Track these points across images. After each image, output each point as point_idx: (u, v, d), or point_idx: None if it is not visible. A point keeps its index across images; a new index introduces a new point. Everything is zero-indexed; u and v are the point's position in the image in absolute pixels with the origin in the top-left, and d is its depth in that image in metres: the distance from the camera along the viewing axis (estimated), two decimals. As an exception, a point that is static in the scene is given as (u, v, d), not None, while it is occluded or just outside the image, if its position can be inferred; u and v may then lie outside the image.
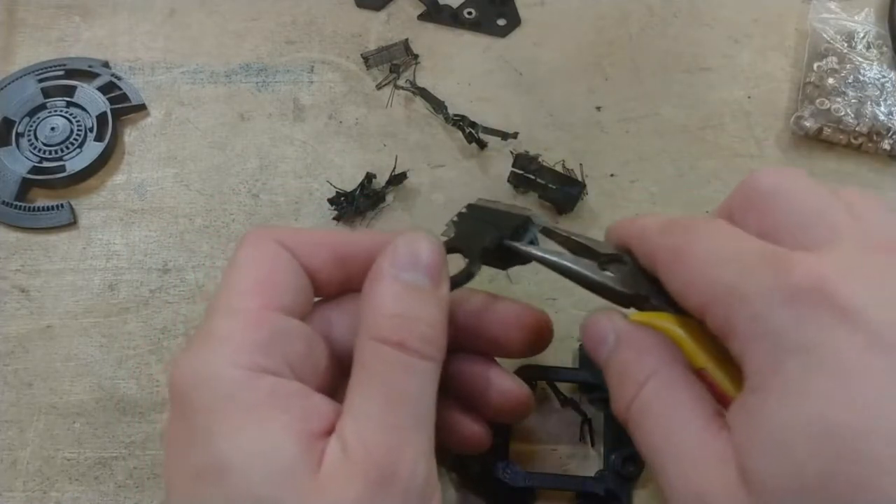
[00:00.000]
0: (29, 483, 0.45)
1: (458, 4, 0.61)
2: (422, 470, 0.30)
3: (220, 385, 0.30)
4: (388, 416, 0.30)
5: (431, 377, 0.32)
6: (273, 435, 0.29)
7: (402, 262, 0.33)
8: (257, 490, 0.28)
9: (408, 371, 0.31)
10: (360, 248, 0.35)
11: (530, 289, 0.50)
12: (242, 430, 0.29)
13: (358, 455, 0.29)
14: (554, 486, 0.44)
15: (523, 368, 0.46)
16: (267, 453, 0.29)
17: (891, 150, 0.53)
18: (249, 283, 0.33)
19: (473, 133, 0.54)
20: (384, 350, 0.31)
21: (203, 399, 0.30)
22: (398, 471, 0.29)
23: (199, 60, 0.59)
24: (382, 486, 0.29)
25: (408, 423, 0.30)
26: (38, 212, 0.52)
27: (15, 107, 0.56)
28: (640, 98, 0.57)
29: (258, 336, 0.31)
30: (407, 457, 0.29)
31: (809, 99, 0.55)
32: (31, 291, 0.51)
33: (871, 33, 0.57)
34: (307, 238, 0.35)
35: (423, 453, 0.30)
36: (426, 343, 0.32)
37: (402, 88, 0.57)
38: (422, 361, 0.31)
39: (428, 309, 0.32)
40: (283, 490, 0.28)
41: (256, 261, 0.34)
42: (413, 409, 0.31)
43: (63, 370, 0.48)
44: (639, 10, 0.61)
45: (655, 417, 0.30)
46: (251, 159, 0.55)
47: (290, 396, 0.30)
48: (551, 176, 0.52)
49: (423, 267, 0.33)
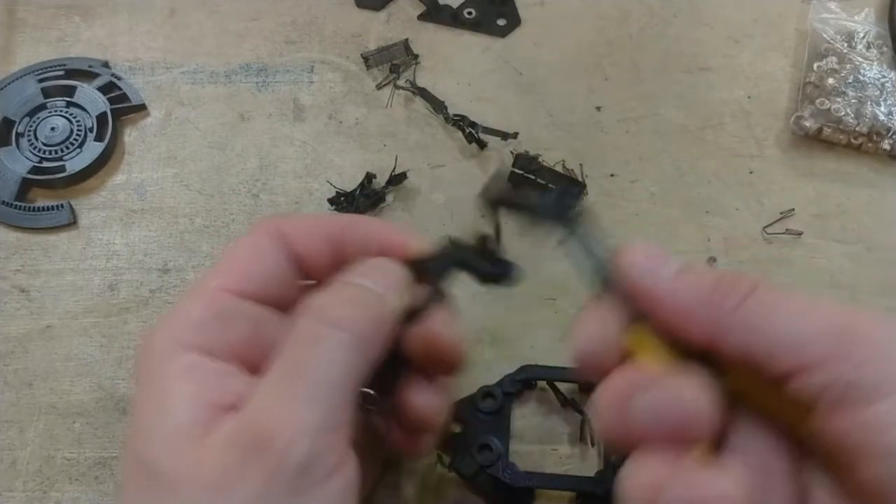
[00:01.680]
0: (29, 483, 0.45)
1: (458, 4, 0.61)
2: (304, 445, 0.29)
3: (152, 356, 0.32)
4: (281, 388, 0.31)
5: (341, 356, 0.31)
6: (172, 405, 0.31)
7: (354, 273, 0.34)
8: (145, 453, 0.30)
9: (314, 342, 0.31)
10: (354, 234, 0.37)
11: (530, 289, 0.50)
12: (152, 398, 0.31)
13: (242, 424, 0.30)
14: (554, 486, 0.43)
15: (523, 369, 0.46)
16: (159, 420, 0.30)
17: (891, 150, 0.53)
18: (224, 265, 0.35)
19: (473, 133, 0.54)
20: (300, 323, 0.32)
21: (141, 371, 0.32)
22: (274, 441, 0.29)
23: (199, 60, 0.59)
24: (253, 455, 0.29)
25: (299, 396, 0.30)
26: (38, 212, 0.52)
27: (15, 107, 0.56)
28: (640, 98, 0.57)
29: (201, 314, 0.33)
30: (287, 428, 0.29)
31: (809, 99, 0.55)
32: (31, 291, 0.51)
33: (871, 33, 0.57)
34: (304, 225, 0.37)
35: (310, 428, 0.30)
36: (342, 312, 0.32)
37: (402, 88, 0.57)
38: (332, 331, 0.31)
39: (360, 296, 0.33)
40: (165, 455, 0.30)
41: (240, 247, 0.36)
42: (309, 382, 0.31)
43: (63, 370, 0.48)
44: (639, 10, 0.61)
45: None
46: (251, 159, 0.55)
47: (206, 373, 0.32)
48: (551, 176, 0.52)
49: (369, 277, 0.34)
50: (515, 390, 0.46)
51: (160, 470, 0.29)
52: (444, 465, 0.44)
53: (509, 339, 0.49)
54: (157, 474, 0.29)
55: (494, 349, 0.48)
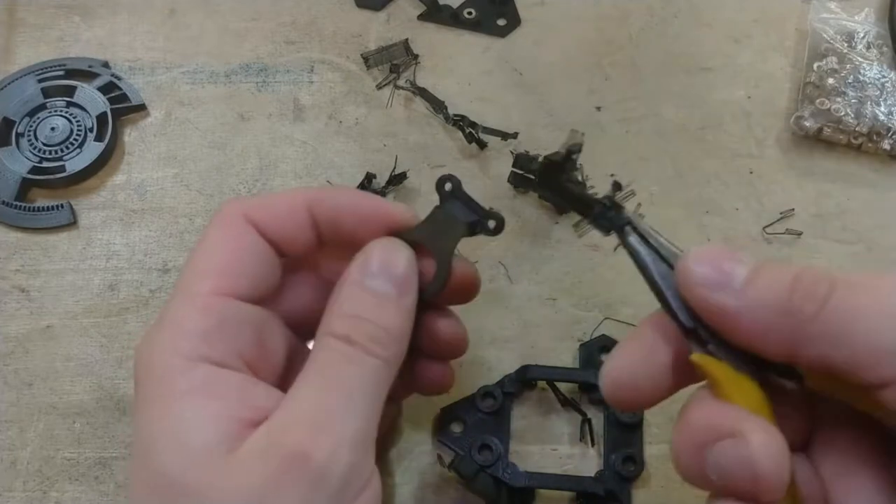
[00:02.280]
0: (29, 483, 0.45)
1: (458, 4, 0.61)
2: (343, 459, 0.29)
3: (159, 371, 0.31)
4: (316, 402, 0.30)
5: (375, 374, 0.32)
6: (196, 420, 0.30)
7: (372, 270, 0.34)
8: (171, 471, 0.29)
9: (348, 361, 0.32)
10: (339, 205, 0.36)
11: (530, 289, 0.50)
12: (169, 414, 0.30)
13: (276, 437, 0.30)
14: (554, 486, 0.44)
15: (523, 369, 0.46)
16: (183, 436, 0.30)
17: (891, 150, 0.53)
18: (208, 265, 0.34)
19: (473, 133, 0.54)
20: (331, 342, 0.32)
21: (146, 383, 0.31)
22: (312, 455, 0.29)
23: (199, 60, 0.59)
24: (291, 469, 0.29)
25: (336, 411, 0.30)
26: (38, 212, 0.52)
27: (15, 107, 0.56)
28: (640, 98, 0.57)
29: (204, 324, 0.32)
30: (325, 442, 0.29)
31: (809, 99, 0.55)
32: (31, 291, 0.51)
33: (871, 33, 0.57)
34: (278, 207, 0.36)
35: (347, 442, 0.30)
36: (373, 341, 0.32)
37: (402, 88, 0.57)
38: (366, 357, 0.32)
39: (385, 313, 0.33)
40: (194, 472, 0.29)
41: (220, 242, 0.34)
42: (346, 398, 0.31)
43: (63, 370, 0.48)
44: (639, 10, 0.61)
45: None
46: (251, 159, 0.55)
47: (224, 385, 0.31)
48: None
49: (390, 277, 0.34)
50: (515, 390, 0.46)
51: (189, 487, 0.29)
52: (444, 465, 0.44)
53: (509, 339, 0.49)
54: (185, 492, 0.29)
55: (494, 349, 0.48)
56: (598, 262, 0.51)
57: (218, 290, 0.33)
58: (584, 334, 0.49)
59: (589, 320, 0.49)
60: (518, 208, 0.53)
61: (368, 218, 0.36)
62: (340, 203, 0.36)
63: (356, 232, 0.36)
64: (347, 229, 0.36)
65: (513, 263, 0.51)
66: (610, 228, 0.33)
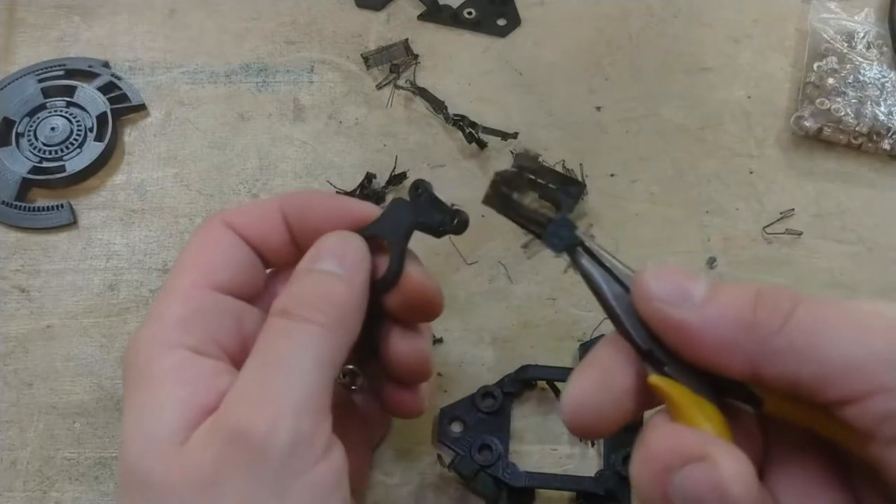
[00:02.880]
0: (29, 483, 0.45)
1: (458, 4, 0.61)
2: (284, 429, 0.29)
3: (140, 362, 0.32)
4: (255, 379, 0.31)
5: (313, 340, 0.31)
6: (160, 408, 0.30)
7: (317, 255, 0.34)
8: (134, 461, 0.30)
9: (284, 333, 0.32)
10: (306, 204, 0.37)
11: (530, 289, 0.50)
12: (139, 403, 0.31)
13: (220, 419, 0.30)
14: (554, 486, 0.44)
15: (523, 369, 0.46)
16: (147, 425, 0.30)
17: (891, 150, 0.53)
18: (188, 264, 0.35)
19: (473, 133, 0.54)
20: (272, 320, 0.32)
21: (128, 374, 0.32)
22: (251, 430, 0.29)
23: (199, 60, 0.59)
24: (235, 446, 0.29)
25: (274, 384, 0.30)
26: (38, 212, 0.52)
27: (15, 107, 0.56)
28: (640, 98, 0.57)
29: (182, 312, 0.32)
30: (264, 416, 0.29)
31: (809, 99, 0.55)
32: (31, 291, 0.51)
33: (871, 33, 0.57)
34: (254, 212, 0.37)
35: (289, 413, 0.29)
36: (309, 308, 0.32)
37: (402, 88, 0.57)
38: (301, 325, 0.31)
39: (325, 285, 0.33)
40: (152, 461, 0.29)
41: (200, 244, 0.36)
42: (283, 369, 0.30)
43: (63, 370, 0.48)
44: (639, 10, 0.61)
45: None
46: (251, 159, 0.55)
47: (195, 370, 0.31)
48: (551, 176, 0.52)
49: (333, 255, 0.34)
50: (515, 390, 0.46)
51: (150, 477, 0.29)
52: (444, 465, 0.44)
53: (509, 339, 0.49)
54: (148, 482, 0.29)
55: (494, 349, 0.48)
56: (598, 262, 0.51)
57: (196, 282, 0.34)
58: (584, 334, 0.49)
59: (589, 320, 0.49)
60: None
61: (333, 215, 0.36)
62: (308, 202, 0.37)
63: (323, 228, 0.36)
64: (314, 226, 0.36)
65: (513, 263, 0.51)
66: (562, 248, 0.32)
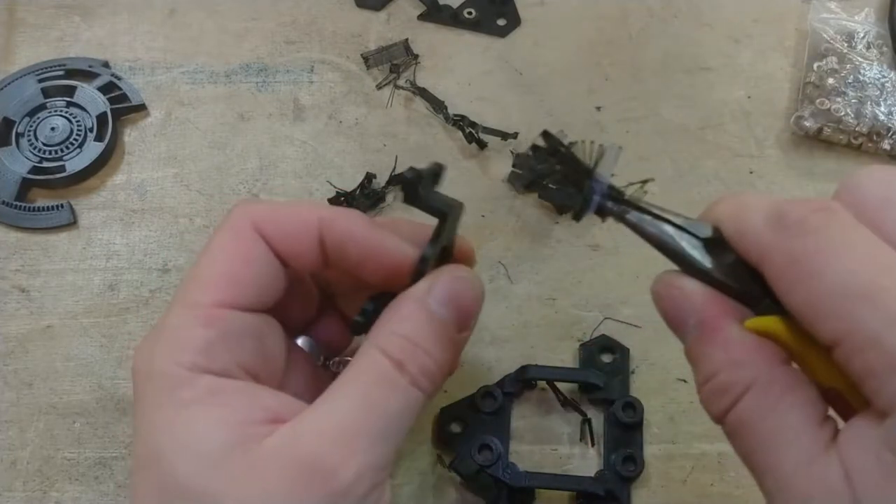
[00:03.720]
0: (29, 483, 0.45)
1: (458, 4, 0.61)
2: (366, 482, 0.29)
3: (162, 381, 0.31)
4: (353, 421, 0.30)
5: (414, 406, 0.32)
6: (204, 426, 0.30)
7: (438, 296, 0.33)
8: (184, 477, 0.29)
9: (394, 388, 0.31)
10: (349, 233, 0.34)
11: (530, 288, 0.50)
12: (176, 421, 0.30)
13: (305, 444, 0.29)
14: (554, 486, 0.44)
15: (523, 369, 0.46)
16: (196, 442, 0.29)
17: (891, 150, 0.53)
18: (212, 275, 0.33)
19: (473, 133, 0.54)
20: (381, 360, 0.31)
21: (148, 392, 0.31)
22: (338, 472, 0.29)
23: (199, 60, 0.59)
24: (313, 480, 0.28)
25: (371, 434, 0.30)
26: (38, 212, 0.52)
27: (15, 107, 0.56)
28: (640, 98, 0.57)
29: (205, 337, 0.31)
30: (354, 464, 0.29)
31: (809, 99, 0.55)
32: (31, 291, 0.51)
33: (871, 33, 0.57)
34: (290, 225, 0.34)
35: (373, 468, 0.30)
36: (424, 375, 0.32)
37: (402, 88, 0.57)
38: (413, 389, 0.31)
39: (441, 348, 0.32)
40: (208, 476, 0.29)
41: (226, 251, 0.33)
42: (384, 424, 0.30)
43: (63, 370, 0.48)
44: (639, 10, 0.61)
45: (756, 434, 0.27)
46: (251, 159, 0.55)
47: (229, 393, 0.31)
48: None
49: (456, 308, 0.33)
50: (515, 390, 0.46)
51: (203, 492, 0.28)
52: (444, 465, 0.44)
53: (509, 339, 0.49)
54: (199, 497, 0.28)
55: (494, 349, 0.48)
56: (598, 262, 0.51)
57: (221, 302, 0.32)
58: (584, 334, 0.49)
59: (589, 320, 0.49)
60: (518, 208, 0.53)
61: (374, 254, 0.35)
62: (351, 231, 0.34)
63: (360, 264, 0.35)
64: (352, 260, 0.35)
65: (513, 263, 0.51)
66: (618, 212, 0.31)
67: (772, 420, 0.27)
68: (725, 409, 0.28)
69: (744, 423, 0.28)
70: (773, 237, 0.27)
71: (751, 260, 0.28)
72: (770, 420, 0.27)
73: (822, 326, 0.26)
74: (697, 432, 0.46)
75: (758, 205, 0.28)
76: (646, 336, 0.48)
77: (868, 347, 0.24)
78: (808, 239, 0.26)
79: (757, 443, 0.27)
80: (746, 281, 0.28)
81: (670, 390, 0.47)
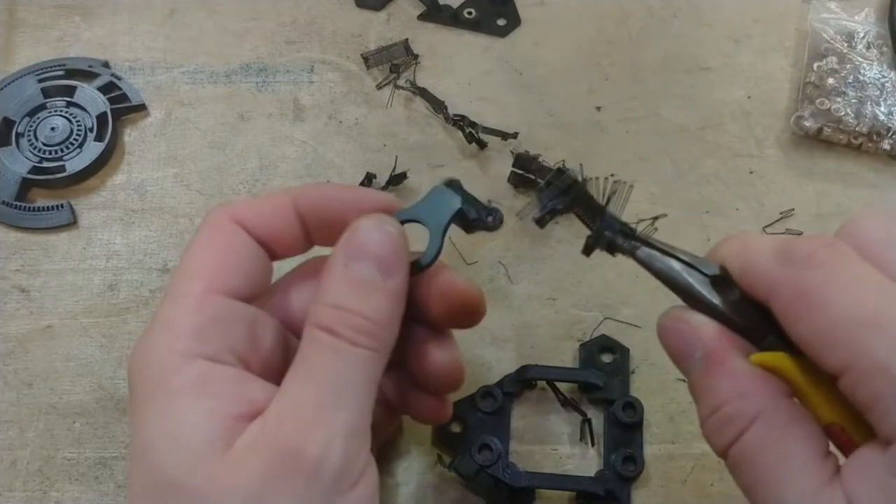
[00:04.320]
0: (29, 483, 0.45)
1: (458, 4, 0.61)
2: (336, 452, 0.29)
3: (154, 370, 0.31)
4: (305, 396, 0.30)
5: (363, 363, 0.31)
6: (191, 418, 0.30)
7: (354, 252, 0.33)
8: (168, 471, 0.29)
9: (334, 353, 0.31)
10: (322, 196, 0.35)
11: (530, 289, 0.50)
12: (164, 413, 0.30)
13: (270, 433, 0.29)
14: (554, 486, 0.44)
15: (523, 369, 0.46)
16: (180, 436, 0.29)
17: (891, 150, 0.53)
18: (198, 267, 0.33)
19: (473, 133, 0.54)
20: (316, 334, 0.32)
21: (141, 384, 0.31)
22: (305, 449, 0.29)
23: (199, 60, 0.59)
24: (286, 464, 0.29)
25: (326, 404, 0.30)
26: (38, 212, 0.52)
27: (15, 107, 0.56)
28: (640, 98, 0.57)
29: (197, 321, 0.32)
30: (318, 435, 0.29)
31: (809, 99, 0.55)
32: (31, 291, 0.51)
33: (871, 33, 0.57)
34: (264, 207, 0.35)
35: (340, 434, 0.30)
36: (358, 332, 0.32)
37: (402, 88, 0.57)
38: (351, 347, 0.31)
39: (369, 301, 0.32)
40: (190, 471, 0.29)
41: (209, 244, 0.34)
42: (335, 390, 0.30)
43: (63, 370, 0.48)
44: (639, 10, 0.61)
45: (760, 467, 0.28)
46: (251, 159, 0.55)
47: (219, 381, 0.31)
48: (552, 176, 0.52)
49: (375, 258, 0.33)
50: (515, 390, 0.46)
51: (186, 486, 0.29)
52: (444, 465, 0.44)
53: (509, 339, 0.49)
54: (183, 491, 0.29)
55: (494, 349, 0.48)
56: (598, 262, 0.50)
57: (209, 288, 0.33)
58: (584, 334, 0.49)
59: (589, 320, 0.49)
60: (518, 208, 0.53)
61: (352, 207, 0.35)
62: (324, 195, 0.36)
63: (342, 222, 0.35)
64: (332, 220, 0.35)
65: (513, 263, 0.51)
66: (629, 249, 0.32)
67: (776, 451, 0.28)
68: (730, 441, 0.29)
69: (748, 454, 0.28)
70: (781, 271, 0.28)
71: (758, 295, 0.29)
72: (774, 451, 0.28)
73: (830, 355, 0.26)
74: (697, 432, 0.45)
75: (764, 243, 0.30)
76: (646, 336, 0.48)
77: (875, 374, 0.25)
78: (817, 272, 0.27)
79: (761, 474, 0.28)
80: (751, 317, 0.30)
81: (670, 390, 0.47)
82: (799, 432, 0.28)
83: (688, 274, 0.31)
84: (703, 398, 0.30)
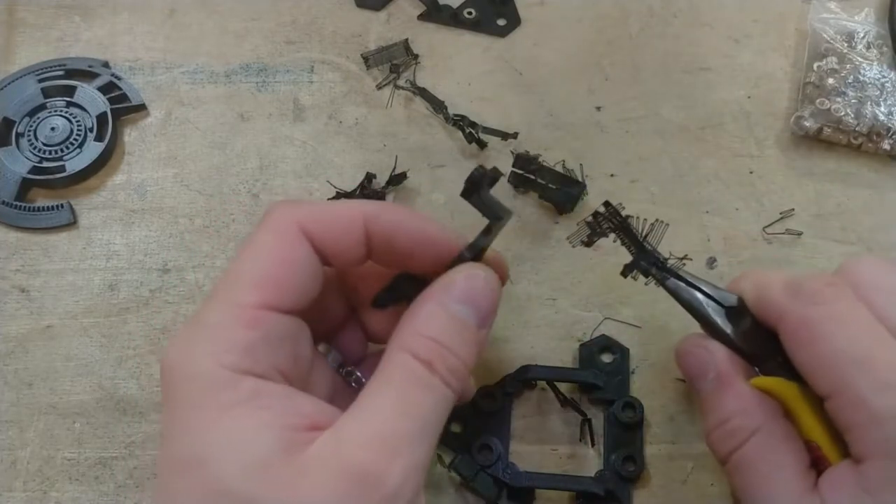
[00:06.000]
0: (29, 483, 0.45)
1: (458, 4, 0.61)
2: (412, 484, 0.30)
3: (203, 382, 0.30)
4: (394, 423, 0.30)
5: (445, 404, 0.32)
6: (250, 429, 0.29)
7: (456, 295, 0.34)
8: (231, 482, 0.28)
9: (427, 388, 0.32)
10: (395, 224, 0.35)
11: (530, 289, 0.50)
12: (220, 424, 0.29)
13: (350, 452, 0.29)
14: (554, 486, 0.44)
15: (523, 369, 0.46)
16: (242, 446, 0.29)
17: (891, 150, 0.53)
18: (255, 275, 0.32)
19: (473, 133, 0.54)
20: (411, 362, 0.32)
21: (186, 393, 0.30)
22: (388, 477, 0.29)
23: (199, 60, 0.59)
24: (366, 486, 0.29)
25: (412, 437, 0.30)
26: (38, 212, 0.52)
27: (15, 107, 0.56)
28: (640, 98, 0.57)
29: (248, 338, 0.31)
30: (402, 466, 0.29)
31: (809, 99, 0.55)
32: (31, 291, 0.51)
33: (871, 33, 0.57)
34: (336, 224, 0.34)
35: (416, 469, 0.30)
36: (451, 373, 0.32)
37: (402, 88, 0.57)
38: (443, 387, 0.32)
39: (465, 345, 0.33)
40: (256, 482, 0.28)
41: (270, 251, 0.33)
42: (422, 425, 0.31)
43: (63, 370, 0.48)
44: (639, 10, 0.61)
45: (756, 472, 0.34)
46: (251, 159, 0.55)
47: (270, 397, 0.31)
48: (551, 176, 0.52)
49: (474, 305, 0.34)
50: (515, 390, 0.46)
51: (252, 497, 0.28)
52: (444, 465, 0.44)
53: (509, 339, 0.49)
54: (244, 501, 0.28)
55: (494, 349, 0.48)
56: (598, 262, 0.51)
57: (264, 303, 0.32)
58: (584, 334, 0.49)
59: (589, 320, 0.49)
60: (518, 208, 0.53)
61: (422, 242, 0.35)
62: (398, 222, 0.35)
63: (409, 252, 0.35)
64: (400, 249, 0.35)
65: (513, 263, 0.51)
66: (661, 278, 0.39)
67: (770, 461, 0.34)
68: (732, 450, 0.35)
69: (746, 461, 0.34)
70: (789, 303, 0.34)
71: (768, 321, 0.35)
72: (769, 461, 0.34)
73: (821, 379, 0.32)
74: (697, 432, 0.46)
75: (778, 277, 0.35)
76: (646, 336, 0.48)
77: (857, 404, 0.31)
78: (819, 308, 0.33)
79: (756, 479, 0.34)
80: (757, 345, 0.36)
81: (670, 390, 0.47)
82: (790, 447, 0.34)
83: (707, 304, 0.37)
84: (712, 412, 0.36)
